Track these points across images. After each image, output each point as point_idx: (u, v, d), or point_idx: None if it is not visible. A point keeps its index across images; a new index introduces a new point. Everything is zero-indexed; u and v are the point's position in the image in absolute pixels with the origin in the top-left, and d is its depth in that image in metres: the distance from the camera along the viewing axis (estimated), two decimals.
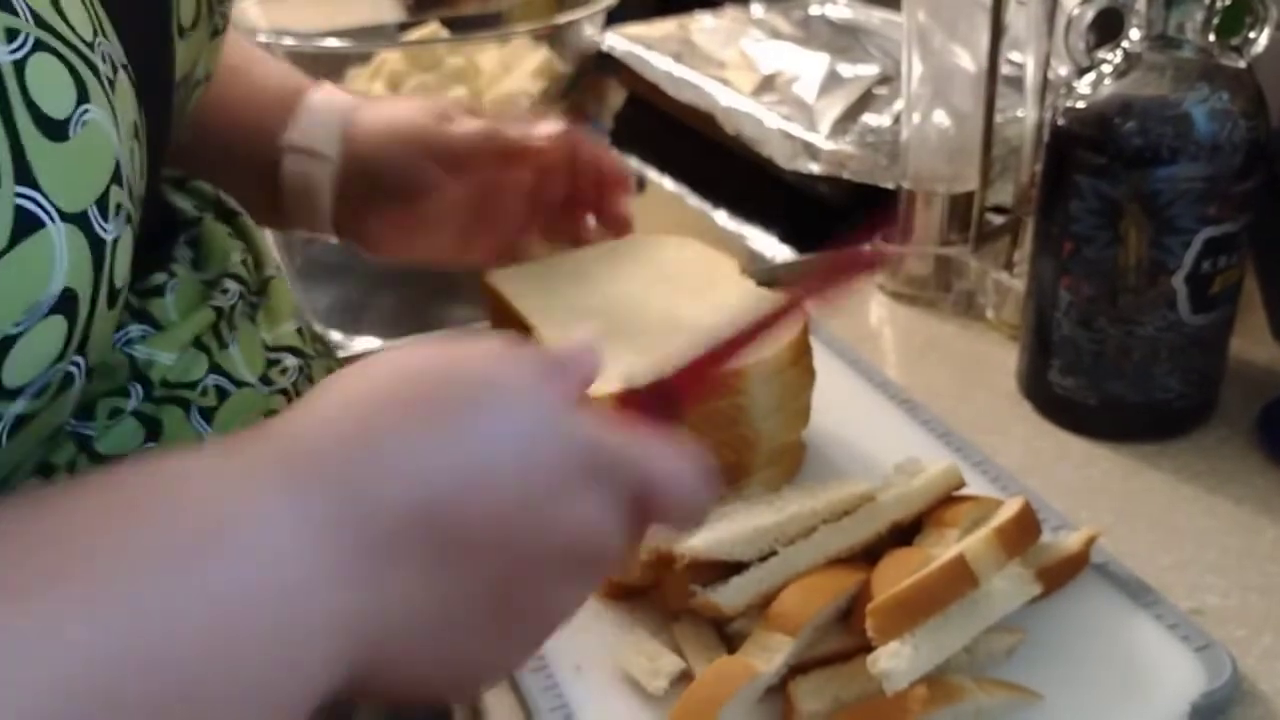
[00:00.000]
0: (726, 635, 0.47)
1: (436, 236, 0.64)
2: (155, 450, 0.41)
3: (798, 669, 0.44)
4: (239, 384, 0.45)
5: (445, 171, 0.60)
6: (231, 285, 0.48)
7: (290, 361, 0.48)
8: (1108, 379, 0.61)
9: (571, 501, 0.34)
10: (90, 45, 0.34)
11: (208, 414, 0.44)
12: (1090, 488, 0.59)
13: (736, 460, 0.54)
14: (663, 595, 0.48)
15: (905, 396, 0.64)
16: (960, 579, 0.44)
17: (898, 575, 0.45)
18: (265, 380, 0.47)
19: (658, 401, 0.43)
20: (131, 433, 0.41)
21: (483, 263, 0.63)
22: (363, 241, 0.65)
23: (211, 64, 0.50)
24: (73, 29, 0.33)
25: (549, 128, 0.62)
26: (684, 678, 0.46)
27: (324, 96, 0.63)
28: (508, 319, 0.58)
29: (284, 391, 0.47)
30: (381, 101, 0.63)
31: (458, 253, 0.64)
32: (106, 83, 0.34)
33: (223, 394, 0.45)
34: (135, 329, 0.43)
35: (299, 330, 0.52)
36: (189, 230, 0.49)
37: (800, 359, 0.55)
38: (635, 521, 0.36)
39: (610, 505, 0.35)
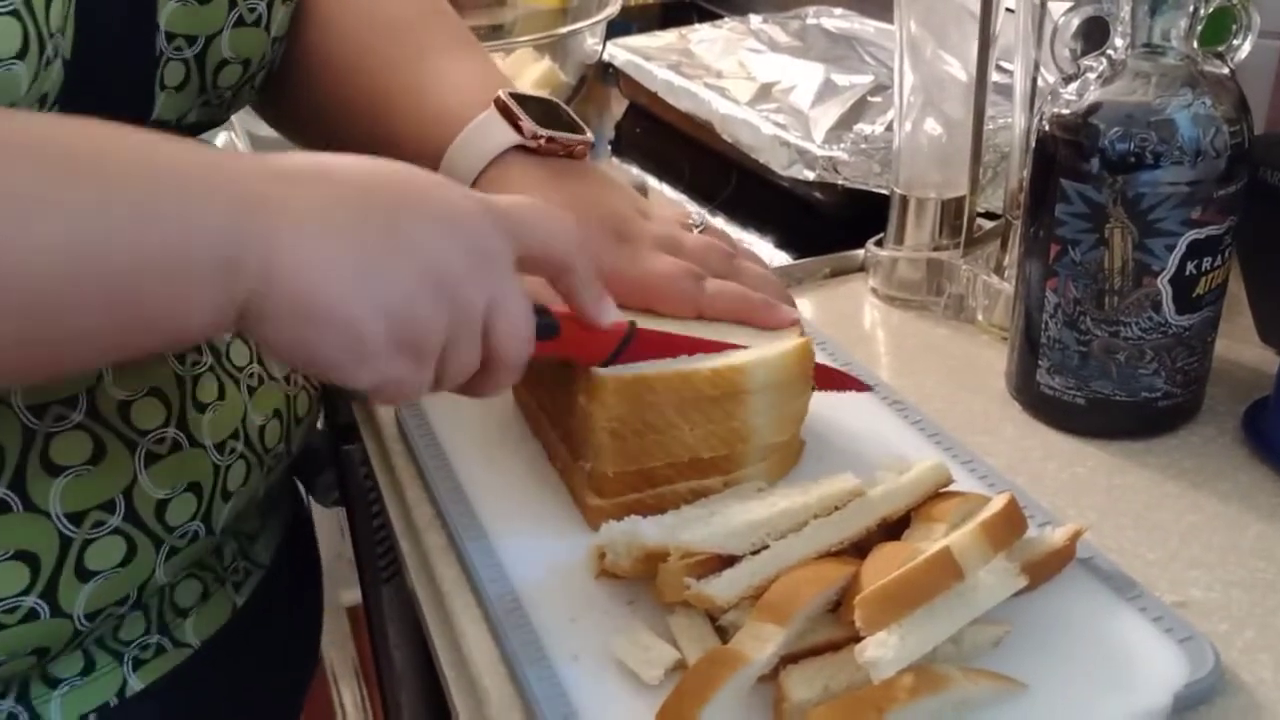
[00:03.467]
0: (720, 627, 0.48)
1: None
2: None
3: (788, 658, 0.45)
4: None
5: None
6: None
7: None
8: (1094, 379, 0.62)
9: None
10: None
11: None
12: (1077, 485, 0.60)
13: (728, 452, 0.55)
14: (658, 588, 0.49)
15: (897, 398, 0.65)
16: (946, 572, 0.44)
17: (886, 568, 0.45)
18: None
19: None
20: None
21: None
22: None
23: (244, 52, 0.53)
24: None
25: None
26: (679, 667, 0.47)
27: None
28: None
29: None
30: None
31: None
32: None
33: None
34: None
35: None
36: None
37: (803, 365, 0.56)
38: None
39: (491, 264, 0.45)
